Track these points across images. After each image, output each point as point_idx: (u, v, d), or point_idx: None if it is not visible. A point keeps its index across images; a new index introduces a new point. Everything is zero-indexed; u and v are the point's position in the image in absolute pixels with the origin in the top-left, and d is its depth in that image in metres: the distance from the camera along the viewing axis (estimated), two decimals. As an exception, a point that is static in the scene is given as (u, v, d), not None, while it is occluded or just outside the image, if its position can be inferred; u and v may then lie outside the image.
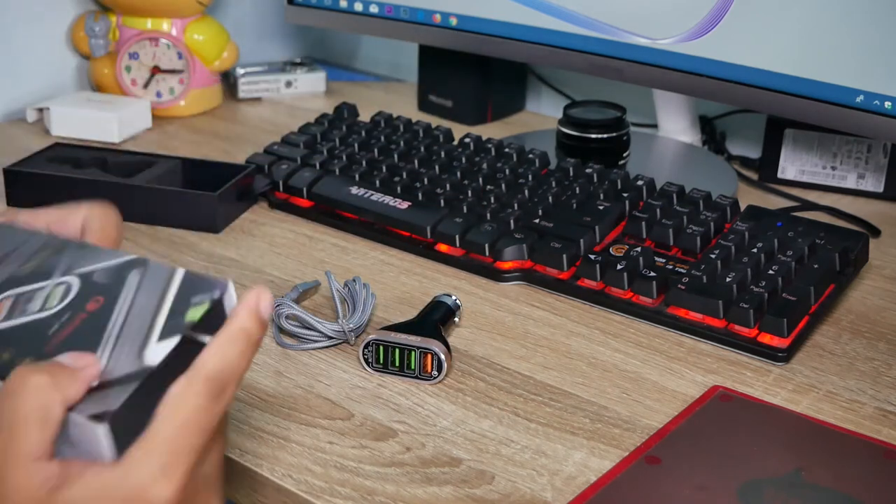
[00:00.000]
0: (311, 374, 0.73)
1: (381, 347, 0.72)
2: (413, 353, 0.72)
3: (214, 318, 0.51)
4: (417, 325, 0.75)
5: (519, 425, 0.68)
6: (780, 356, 0.75)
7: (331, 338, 0.76)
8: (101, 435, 0.47)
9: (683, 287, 0.79)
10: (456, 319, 0.78)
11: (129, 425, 0.48)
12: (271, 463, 0.64)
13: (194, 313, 0.51)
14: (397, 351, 0.72)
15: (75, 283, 0.55)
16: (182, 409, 0.47)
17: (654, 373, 0.74)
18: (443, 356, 0.72)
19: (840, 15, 0.88)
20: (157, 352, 0.50)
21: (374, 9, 1.18)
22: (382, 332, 0.73)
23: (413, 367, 0.72)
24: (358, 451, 0.65)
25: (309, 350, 0.76)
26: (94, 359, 0.49)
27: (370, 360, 0.73)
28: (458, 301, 0.78)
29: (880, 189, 1.05)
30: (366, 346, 0.73)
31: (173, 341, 0.50)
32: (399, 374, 0.72)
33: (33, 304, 0.54)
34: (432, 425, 0.68)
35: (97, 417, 0.47)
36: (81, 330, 0.52)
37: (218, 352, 0.49)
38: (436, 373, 0.72)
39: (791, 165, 1.08)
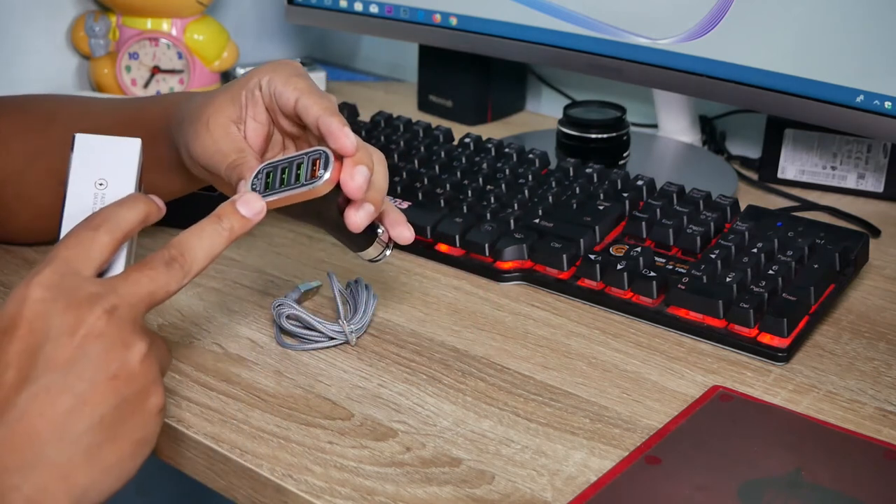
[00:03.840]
0: (311, 374, 0.73)
1: (269, 172, 0.67)
2: (302, 163, 0.66)
3: None
4: None
5: (519, 425, 0.68)
6: (780, 356, 0.75)
7: (332, 338, 0.76)
8: None
9: (683, 287, 0.79)
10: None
11: None
12: (271, 463, 0.64)
13: None
14: (286, 169, 0.66)
15: None
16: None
17: (654, 373, 0.74)
18: (329, 153, 0.65)
19: (840, 15, 0.88)
20: None
21: (374, 9, 1.18)
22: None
23: (301, 177, 0.65)
24: (358, 451, 0.65)
25: (309, 350, 0.76)
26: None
27: (258, 188, 0.66)
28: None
29: (880, 189, 1.05)
30: (255, 177, 0.67)
31: None
32: (289, 190, 0.65)
33: None
34: (432, 425, 0.68)
35: None
36: None
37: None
38: (322, 171, 0.65)
39: (791, 165, 1.08)
